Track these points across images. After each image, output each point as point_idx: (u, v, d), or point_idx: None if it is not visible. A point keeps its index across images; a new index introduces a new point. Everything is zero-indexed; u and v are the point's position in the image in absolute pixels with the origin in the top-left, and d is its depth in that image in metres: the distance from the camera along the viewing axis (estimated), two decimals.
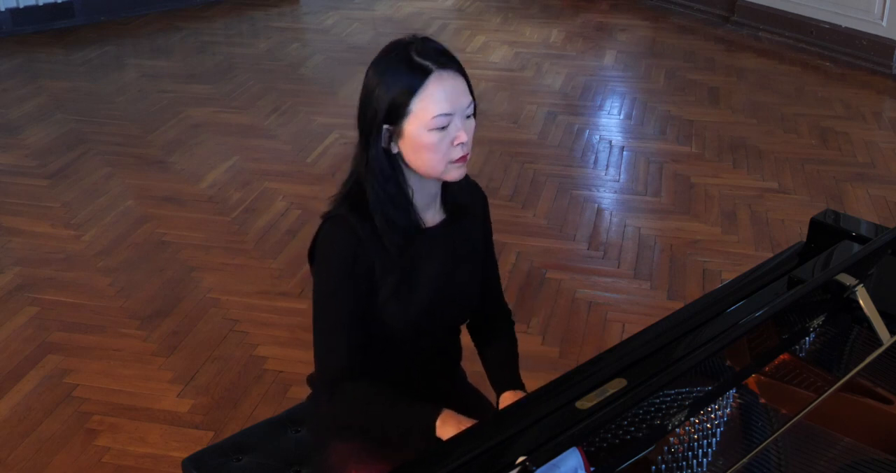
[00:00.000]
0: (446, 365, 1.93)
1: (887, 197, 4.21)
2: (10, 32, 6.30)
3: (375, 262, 1.67)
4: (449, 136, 1.60)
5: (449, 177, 1.65)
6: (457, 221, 1.78)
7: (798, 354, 1.76)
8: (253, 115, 5.09)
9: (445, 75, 1.59)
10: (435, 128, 1.58)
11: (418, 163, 1.63)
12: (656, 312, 3.26)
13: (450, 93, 1.58)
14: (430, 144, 1.59)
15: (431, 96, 1.57)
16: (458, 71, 1.61)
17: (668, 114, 5.17)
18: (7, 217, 4.01)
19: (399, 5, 7.20)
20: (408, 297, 1.71)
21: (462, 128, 1.61)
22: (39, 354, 3.13)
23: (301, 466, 1.92)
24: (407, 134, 1.60)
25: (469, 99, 1.62)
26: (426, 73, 1.58)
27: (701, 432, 1.56)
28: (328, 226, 1.70)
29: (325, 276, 1.69)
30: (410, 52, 1.59)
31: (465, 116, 1.62)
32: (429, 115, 1.58)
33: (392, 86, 1.58)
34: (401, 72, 1.58)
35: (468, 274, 1.81)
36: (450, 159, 1.62)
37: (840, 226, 1.93)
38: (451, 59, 1.62)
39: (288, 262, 3.66)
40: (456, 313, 1.84)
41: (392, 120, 1.60)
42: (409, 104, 1.58)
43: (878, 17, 5.76)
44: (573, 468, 1.32)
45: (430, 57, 1.59)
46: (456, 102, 1.59)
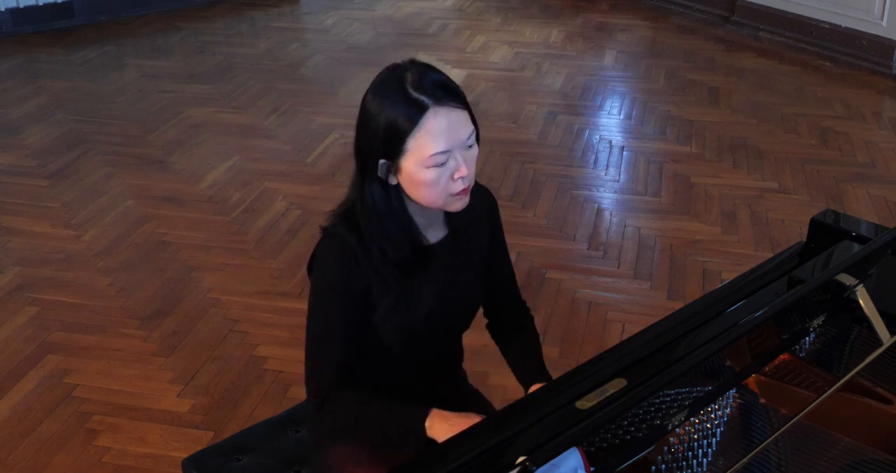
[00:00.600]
0: (447, 369, 1.92)
1: (887, 197, 4.21)
2: (10, 32, 6.30)
3: (373, 282, 1.65)
4: (448, 171, 1.55)
5: (451, 209, 1.62)
6: (461, 235, 1.75)
7: (798, 354, 1.76)
8: (253, 115, 5.09)
9: (442, 111, 1.52)
10: (433, 165, 1.54)
11: (418, 196, 1.59)
12: (656, 312, 3.26)
13: (446, 129, 1.53)
14: (428, 181, 1.55)
15: (428, 134, 1.52)
16: (456, 103, 1.55)
17: (668, 114, 5.17)
18: (7, 217, 4.01)
19: (399, 5, 7.20)
20: (406, 314, 1.70)
21: (462, 162, 1.56)
22: (39, 354, 3.13)
23: (301, 466, 1.92)
24: (405, 170, 1.56)
25: (470, 129, 1.57)
26: (422, 110, 1.51)
27: (701, 432, 1.56)
28: (326, 243, 1.68)
29: (320, 292, 1.69)
30: (406, 84, 1.53)
31: (466, 147, 1.57)
32: (426, 154, 1.53)
33: (388, 121, 1.53)
34: (396, 106, 1.52)
35: (471, 283, 1.80)
36: (450, 192, 1.58)
37: (840, 226, 1.93)
38: (449, 92, 1.55)
39: (288, 262, 3.66)
40: (458, 323, 1.83)
41: (388, 155, 1.56)
42: (405, 142, 1.53)
43: (878, 17, 5.76)
44: (573, 468, 1.32)
45: (426, 91, 1.52)
46: (454, 138, 1.54)
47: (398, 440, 1.65)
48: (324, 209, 4.03)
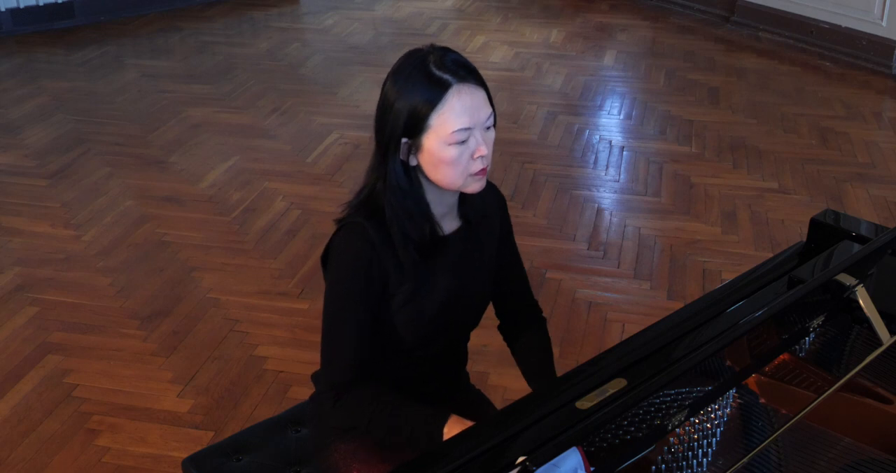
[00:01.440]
0: (453, 370, 1.92)
1: (887, 197, 4.21)
2: (10, 32, 6.30)
3: (390, 271, 1.66)
4: (469, 150, 1.59)
5: (469, 190, 1.64)
6: (474, 228, 1.77)
7: (798, 354, 1.76)
8: (253, 115, 5.09)
9: (465, 89, 1.56)
10: (454, 142, 1.57)
11: (438, 176, 1.61)
12: (656, 312, 3.26)
13: (469, 107, 1.57)
14: (449, 159, 1.58)
15: (451, 111, 1.56)
16: (477, 83, 1.59)
17: (668, 114, 5.17)
18: (7, 217, 4.01)
19: (399, 5, 7.20)
20: (421, 305, 1.70)
21: (482, 142, 1.59)
22: (39, 354, 3.13)
23: (301, 466, 1.92)
24: (426, 148, 1.58)
25: (489, 110, 1.60)
26: (445, 88, 1.56)
27: (701, 432, 1.56)
28: (344, 234, 1.68)
29: (339, 283, 1.69)
30: (429, 64, 1.57)
31: (485, 128, 1.61)
32: (448, 130, 1.56)
33: (411, 100, 1.56)
34: (420, 85, 1.56)
35: (482, 280, 1.81)
36: (469, 172, 1.61)
37: (840, 226, 1.93)
38: (471, 72, 1.59)
39: (288, 262, 3.66)
40: (468, 319, 1.83)
41: (411, 134, 1.58)
42: (428, 119, 1.56)
43: (878, 17, 5.76)
44: (573, 468, 1.32)
45: (449, 70, 1.57)
46: (475, 116, 1.58)
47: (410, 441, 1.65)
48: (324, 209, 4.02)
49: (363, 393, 1.67)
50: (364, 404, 1.67)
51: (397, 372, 1.79)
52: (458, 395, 1.93)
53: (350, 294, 1.67)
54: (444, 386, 1.88)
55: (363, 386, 1.68)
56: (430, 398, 1.81)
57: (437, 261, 1.71)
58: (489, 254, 1.82)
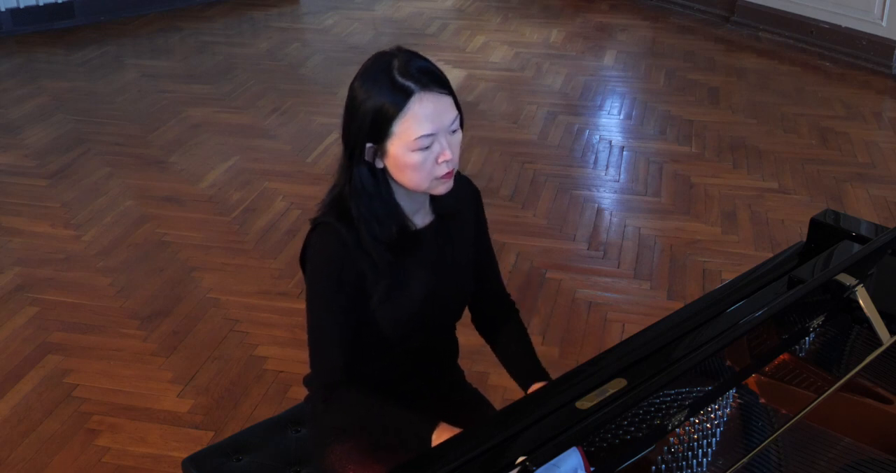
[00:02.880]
0: (442, 365, 1.92)
1: (887, 197, 4.21)
2: (10, 32, 6.30)
3: (366, 270, 1.66)
4: (433, 154, 1.59)
5: (436, 192, 1.65)
6: (447, 222, 1.77)
7: (798, 354, 1.76)
8: (253, 115, 5.09)
9: (427, 97, 1.57)
10: (418, 148, 1.57)
11: (404, 179, 1.62)
12: (656, 312, 3.26)
13: (432, 114, 1.57)
14: (413, 164, 1.59)
15: (414, 118, 1.56)
16: (440, 89, 1.59)
17: (668, 114, 5.17)
18: (7, 217, 4.01)
19: (399, 5, 7.20)
20: (399, 301, 1.70)
21: (446, 146, 1.60)
22: (39, 354, 3.13)
23: (301, 466, 1.92)
24: (391, 153, 1.59)
25: (454, 115, 1.61)
26: (408, 95, 1.56)
27: (701, 432, 1.56)
28: (316, 235, 1.69)
29: (316, 285, 1.69)
30: (393, 69, 1.58)
31: (451, 132, 1.61)
32: (411, 137, 1.57)
33: (375, 106, 1.57)
34: (383, 92, 1.57)
35: (459, 274, 1.81)
36: (435, 176, 1.61)
37: (840, 226, 1.93)
38: (434, 78, 1.59)
39: (288, 262, 3.66)
40: (448, 312, 1.84)
41: (375, 139, 1.59)
42: (391, 126, 1.57)
43: (878, 17, 5.76)
44: (573, 468, 1.32)
45: (412, 77, 1.57)
46: (439, 122, 1.58)
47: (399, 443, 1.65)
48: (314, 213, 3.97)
49: (350, 395, 1.68)
50: (354, 406, 1.67)
51: (383, 370, 1.79)
52: (453, 394, 1.93)
53: (327, 296, 1.67)
54: (432, 381, 1.87)
55: (350, 388, 1.68)
56: (420, 394, 1.81)
57: (412, 257, 1.71)
58: (465, 248, 1.82)
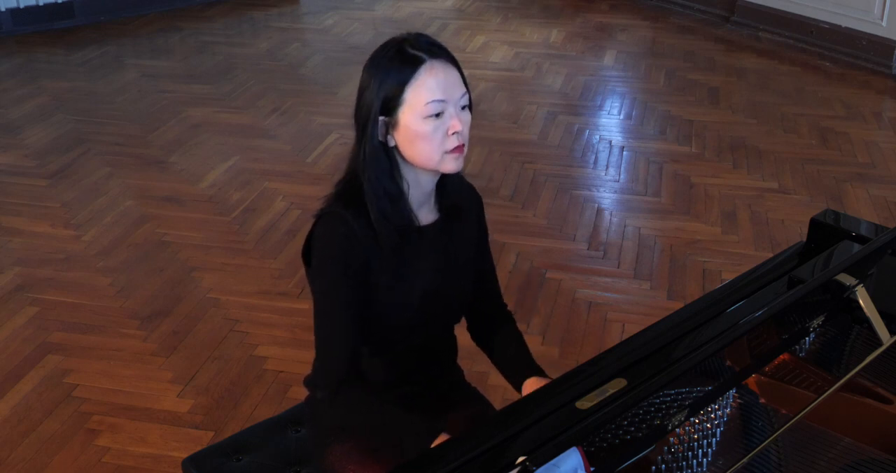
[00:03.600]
0: (442, 364, 1.92)
1: (887, 197, 4.21)
2: (10, 32, 6.30)
3: (371, 259, 1.67)
4: (444, 125, 1.61)
5: (445, 169, 1.65)
6: (451, 222, 1.78)
7: (798, 354, 1.76)
8: (253, 115, 5.09)
9: (437, 64, 1.61)
10: (429, 114, 1.59)
11: (413, 153, 1.63)
12: (656, 312, 3.26)
13: (442, 81, 1.60)
14: (424, 133, 1.60)
15: (424, 84, 1.59)
16: (450, 61, 1.63)
17: (668, 114, 5.17)
18: (7, 217, 4.01)
19: (399, 5, 7.20)
20: (401, 295, 1.71)
21: (456, 117, 1.62)
22: (39, 354, 3.13)
23: (301, 466, 1.92)
24: (402, 124, 1.61)
25: (463, 90, 1.63)
26: (418, 63, 1.60)
27: (701, 432, 1.56)
28: (323, 224, 1.69)
29: (324, 276, 1.69)
30: (403, 44, 1.63)
31: (461, 107, 1.63)
32: (422, 102, 1.59)
33: (386, 78, 1.61)
34: (394, 63, 1.61)
35: (461, 274, 1.82)
36: (445, 149, 1.62)
37: (840, 226, 1.93)
38: (443, 50, 1.64)
39: (288, 262, 3.66)
40: (449, 312, 1.84)
41: (387, 111, 1.62)
42: (402, 93, 1.60)
43: (878, 17, 5.76)
44: (573, 468, 1.32)
45: (421, 48, 1.62)
46: (449, 90, 1.61)
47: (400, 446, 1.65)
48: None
49: (355, 393, 1.68)
50: (361, 406, 1.67)
51: (384, 369, 1.79)
52: (453, 393, 1.93)
53: (336, 285, 1.67)
54: (432, 381, 1.87)
55: (359, 390, 1.69)
56: (420, 394, 1.81)
57: (416, 253, 1.72)
58: (467, 248, 1.82)
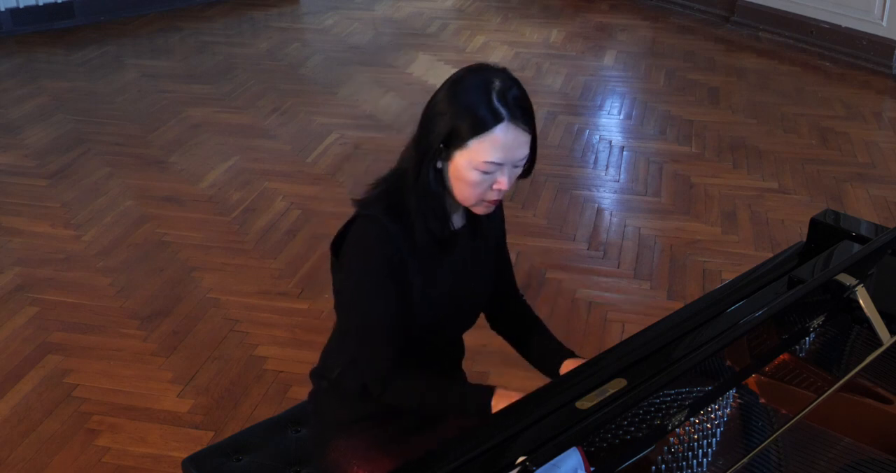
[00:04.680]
0: (451, 365, 1.95)
1: (887, 197, 4.21)
2: (10, 32, 6.30)
3: (408, 262, 1.70)
4: (491, 180, 1.64)
5: (475, 210, 1.70)
6: (476, 229, 1.81)
7: (798, 354, 1.76)
8: (253, 115, 5.09)
9: (512, 128, 1.61)
10: (481, 170, 1.62)
11: (455, 189, 1.67)
12: (656, 312, 3.26)
13: (510, 145, 1.61)
14: (470, 181, 1.63)
15: (492, 143, 1.60)
16: (527, 126, 1.64)
17: (668, 114, 5.17)
18: (7, 217, 4.01)
19: (399, 5, 7.20)
20: (430, 297, 1.74)
21: (506, 176, 1.64)
22: (39, 354, 3.13)
23: (301, 466, 1.92)
24: (455, 162, 1.63)
25: (526, 153, 1.66)
26: (497, 121, 1.60)
27: (701, 432, 1.56)
28: (363, 225, 1.70)
29: (365, 274, 1.70)
30: (492, 90, 1.61)
31: (514, 166, 1.66)
32: (480, 159, 1.61)
33: (461, 117, 1.60)
34: (474, 107, 1.60)
35: (483, 277, 1.86)
36: (483, 199, 1.66)
37: (840, 226, 1.93)
38: (526, 114, 1.64)
39: (288, 262, 3.66)
40: (465, 316, 1.87)
41: (448, 144, 1.63)
42: (468, 140, 1.60)
43: (878, 17, 5.76)
44: (573, 468, 1.32)
45: (507, 104, 1.61)
46: (511, 155, 1.62)
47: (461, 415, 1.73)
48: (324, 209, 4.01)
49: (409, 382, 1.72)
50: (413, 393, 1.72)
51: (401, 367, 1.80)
52: None
53: (380, 284, 1.69)
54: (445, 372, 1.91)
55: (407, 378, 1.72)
56: None
57: (445, 257, 1.75)
58: (487, 256, 1.86)
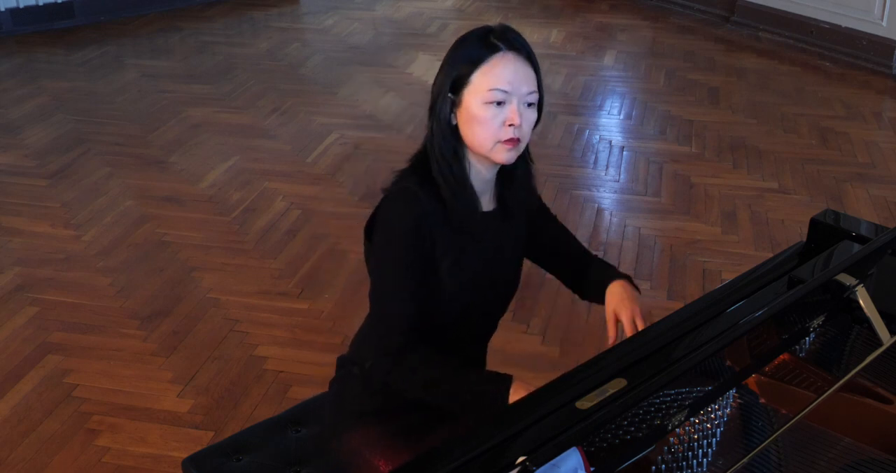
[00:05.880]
0: (476, 358, 1.93)
1: (887, 197, 4.21)
2: (10, 32, 6.30)
3: (437, 238, 1.69)
4: (502, 114, 1.64)
5: (496, 158, 1.67)
6: (506, 216, 1.80)
7: (798, 354, 1.76)
8: (253, 115, 5.09)
9: (511, 56, 1.64)
10: (490, 101, 1.62)
11: (469, 135, 1.66)
12: (656, 312, 3.26)
13: (511, 72, 1.63)
14: (481, 118, 1.63)
15: (492, 70, 1.63)
16: (527, 58, 1.66)
17: (668, 114, 5.17)
18: (7, 217, 4.01)
19: (399, 5, 7.20)
20: (458, 277, 1.72)
21: (517, 111, 1.64)
22: (39, 354, 3.13)
23: (301, 466, 1.92)
24: (464, 104, 1.65)
25: (533, 88, 1.66)
26: (494, 50, 1.64)
27: (701, 432, 1.56)
28: (395, 198, 1.70)
29: (390, 243, 1.69)
30: (489, 32, 1.66)
31: (526, 104, 1.66)
32: (486, 87, 1.62)
33: (461, 57, 1.65)
34: (473, 46, 1.65)
35: (508, 269, 1.84)
36: (498, 138, 1.65)
37: (840, 226, 1.93)
38: (524, 47, 1.66)
39: (288, 262, 3.66)
40: (495, 304, 1.86)
41: (455, 89, 1.65)
42: (471, 74, 1.64)
43: (878, 17, 5.76)
44: (573, 468, 1.32)
45: (504, 39, 1.65)
46: (516, 83, 1.64)
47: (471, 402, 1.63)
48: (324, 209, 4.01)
49: (421, 355, 1.66)
50: (421, 367, 1.66)
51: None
52: None
53: (406, 256, 1.67)
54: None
55: (423, 353, 1.67)
56: None
57: (475, 236, 1.74)
58: (517, 246, 1.85)
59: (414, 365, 1.66)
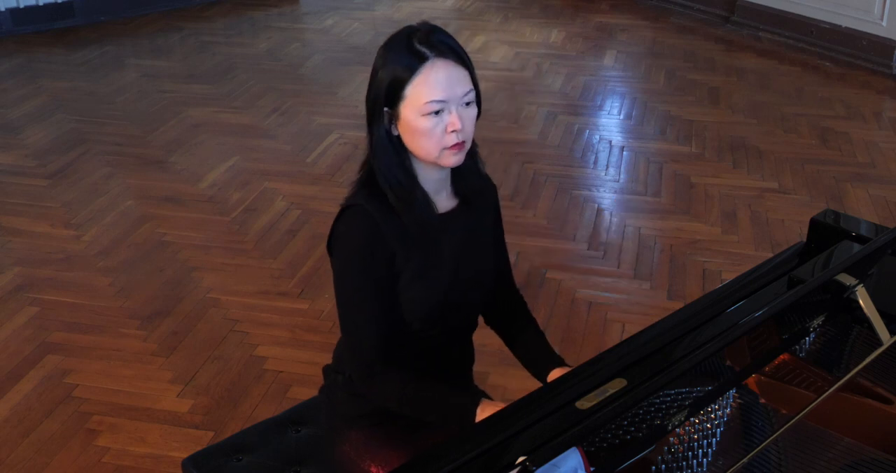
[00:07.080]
0: (459, 366, 1.92)
1: (887, 197, 4.21)
2: (10, 32, 6.30)
3: (396, 249, 1.68)
4: (443, 122, 1.62)
5: (445, 163, 1.66)
6: (470, 207, 1.79)
7: (798, 354, 1.76)
8: (253, 115, 5.09)
9: (440, 63, 1.60)
10: (428, 113, 1.61)
11: (414, 146, 1.65)
12: (656, 312, 3.26)
13: (443, 80, 1.60)
14: (423, 129, 1.62)
15: (425, 82, 1.60)
16: (456, 59, 1.62)
17: (668, 114, 5.17)
18: (7, 217, 4.01)
19: (399, 5, 7.20)
20: (428, 282, 1.71)
21: (456, 115, 1.62)
22: (39, 354, 3.13)
23: (301, 466, 1.92)
24: (403, 118, 1.63)
25: (467, 88, 1.63)
26: (422, 60, 1.60)
27: (701, 432, 1.56)
28: (346, 217, 1.70)
29: (348, 268, 1.69)
30: (413, 38, 1.62)
31: (464, 104, 1.64)
32: (421, 101, 1.60)
33: (391, 70, 1.62)
34: (400, 57, 1.62)
35: (483, 260, 1.83)
36: (444, 145, 1.63)
37: (840, 226, 1.93)
38: (451, 49, 1.63)
39: (288, 262, 3.66)
40: (473, 300, 1.84)
41: (390, 103, 1.64)
42: (403, 89, 1.61)
43: (878, 17, 5.76)
44: (573, 468, 1.32)
45: (429, 44, 1.61)
46: (450, 90, 1.61)
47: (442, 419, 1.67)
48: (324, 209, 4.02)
49: (391, 373, 1.68)
50: (396, 383, 1.68)
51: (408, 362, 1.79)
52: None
53: (362, 272, 1.67)
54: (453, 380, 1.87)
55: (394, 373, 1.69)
56: None
57: (439, 240, 1.73)
58: (485, 236, 1.84)
59: (385, 381, 1.69)
